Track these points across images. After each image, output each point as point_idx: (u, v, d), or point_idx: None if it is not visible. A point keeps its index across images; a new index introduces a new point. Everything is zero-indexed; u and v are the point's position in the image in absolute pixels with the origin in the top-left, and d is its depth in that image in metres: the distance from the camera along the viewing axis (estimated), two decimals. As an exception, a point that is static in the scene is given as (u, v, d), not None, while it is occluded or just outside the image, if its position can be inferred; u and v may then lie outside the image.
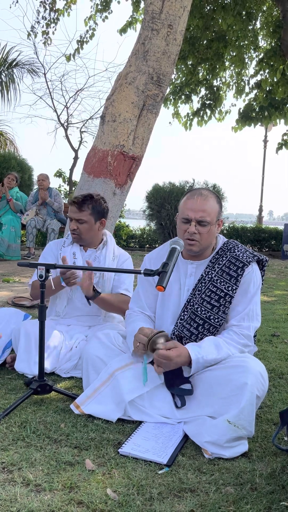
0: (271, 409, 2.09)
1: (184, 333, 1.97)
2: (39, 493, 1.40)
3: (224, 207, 10.03)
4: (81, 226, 2.55)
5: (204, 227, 1.95)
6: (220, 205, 2.04)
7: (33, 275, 2.64)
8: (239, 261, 1.98)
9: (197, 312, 1.97)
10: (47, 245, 2.76)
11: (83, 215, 2.53)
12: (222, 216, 2.06)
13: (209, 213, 1.95)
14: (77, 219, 2.54)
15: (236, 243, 2.08)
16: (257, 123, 8.24)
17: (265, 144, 19.91)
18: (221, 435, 1.67)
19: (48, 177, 7.45)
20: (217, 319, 1.95)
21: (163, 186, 9.72)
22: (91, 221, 2.56)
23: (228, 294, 1.95)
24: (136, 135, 3.52)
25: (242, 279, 1.97)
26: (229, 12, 7.31)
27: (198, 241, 1.96)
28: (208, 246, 2.02)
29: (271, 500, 1.41)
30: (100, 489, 1.42)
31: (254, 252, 2.05)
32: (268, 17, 8.09)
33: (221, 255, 2.03)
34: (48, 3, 8.24)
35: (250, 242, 10.82)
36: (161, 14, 3.44)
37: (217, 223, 2.02)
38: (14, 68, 11.32)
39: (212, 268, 2.00)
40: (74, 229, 2.55)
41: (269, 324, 3.81)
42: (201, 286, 1.99)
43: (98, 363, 2.01)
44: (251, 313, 1.97)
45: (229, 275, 1.97)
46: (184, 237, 1.97)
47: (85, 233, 2.57)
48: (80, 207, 2.53)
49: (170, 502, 1.39)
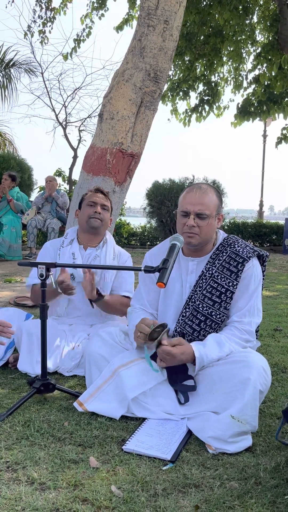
0: (275, 404, 2.09)
1: (187, 329, 1.97)
2: (43, 491, 1.40)
3: (224, 203, 10.03)
4: (104, 213, 2.63)
5: (203, 220, 1.95)
6: (220, 199, 2.03)
7: (29, 278, 2.63)
8: (239, 257, 1.98)
9: (198, 309, 1.97)
10: (43, 246, 2.75)
11: (108, 203, 2.67)
12: (222, 211, 2.05)
13: (208, 206, 1.95)
14: (103, 204, 2.62)
15: (236, 238, 2.08)
16: (256, 117, 8.20)
17: (265, 138, 19.86)
18: (225, 430, 1.67)
19: (56, 179, 7.71)
20: (218, 315, 1.95)
21: (163, 183, 9.70)
22: (109, 213, 2.69)
23: (229, 289, 1.95)
24: (135, 132, 3.51)
25: (243, 275, 1.96)
26: (226, 7, 7.28)
27: (197, 234, 1.96)
28: (208, 240, 2.02)
29: (275, 494, 1.41)
30: (105, 486, 1.42)
31: (254, 247, 2.05)
32: (265, 11, 8.05)
33: (221, 250, 2.02)
34: (44, 2, 8.21)
35: (251, 238, 10.80)
36: (157, 10, 3.43)
37: (217, 217, 2.01)
38: (11, 68, 11.30)
39: (212, 264, 2.00)
40: (99, 213, 2.59)
41: (271, 319, 3.81)
42: (202, 283, 1.99)
43: (101, 361, 2.01)
44: (252, 309, 1.97)
45: (230, 270, 1.97)
46: (183, 230, 1.97)
47: (105, 219, 2.64)
48: (106, 196, 2.67)
49: (175, 497, 1.39)
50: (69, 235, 2.70)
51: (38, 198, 7.58)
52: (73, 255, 2.59)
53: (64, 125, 11.66)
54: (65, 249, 2.63)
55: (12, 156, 10.30)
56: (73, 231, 2.73)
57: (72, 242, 2.65)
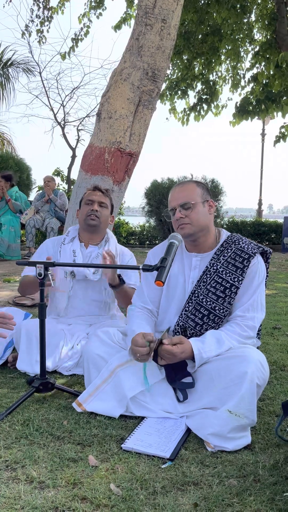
0: (273, 401, 2.09)
1: (189, 323, 1.98)
2: (42, 490, 1.40)
3: (223, 202, 10.03)
4: (102, 210, 2.61)
5: (188, 209, 2.00)
6: (202, 187, 2.07)
7: (24, 271, 2.63)
8: (244, 253, 2.00)
9: (202, 303, 1.98)
10: (43, 243, 2.74)
11: (106, 200, 2.64)
12: (209, 197, 2.07)
13: (189, 195, 2.01)
14: (100, 202, 2.61)
15: (240, 236, 2.11)
16: (254, 116, 8.19)
17: (263, 137, 19.84)
18: (223, 425, 1.67)
19: (54, 179, 7.69)
20: (222, 310, 1.96)
21: (162, 182, 9.70)
22: (109, 210, 2.67)
23: (234, 285, 1.96)
24: (133, 131, 3.51)
25: (248, 270, 1.98)
26: (223, 6, 7.27)
27: (188, 224, 2.00)
28: (203, 228, 2.03)
29: (274, 491, 1.41)
30: (104, 485, 1.43)
31: (258, 244, 2.08)
32: (262, 9, 8.04)
33: (225, 247, 2.05)
34: (42, 1, 8.21)
35: (250, 236, 10.81)
36: (154, 8, 3.43)
37: (207, 204, 2.05)
38: (9, 68, 11.29)
39: (217, 260, 2.02)
40: (96, 210, 2.58)
41: (270, 317, 3.81)
42: (206, 278, 2.01)
43: (99, 361, 2.01)
44: (256, 304, 1.98)
45: (235, 266, 1.98)
46: (175, 226, 2.03)
47: (104, 217, 2.62)
48: (104, 193, 2.65)
49: (174, 495, 1.39)
50: (70, 233, 2.70)
51: (38, 201, 7.50)
52: (73, 253, 2.59)
53: (62, 124, 11.66)
54: (66, 246, 2.63)
55: (10, 155, 10.31)
56: (75, 229, 2.74)
57: (74, 240, 2.66)
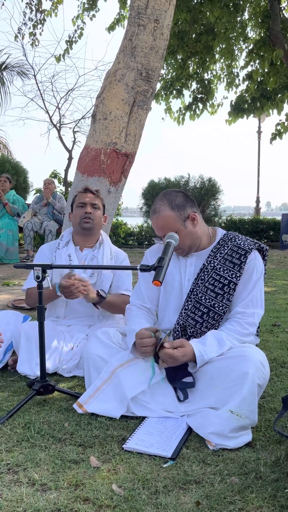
0: (274, 398, 2.09)
1: (189, 321, 1.99)
2: (44, 492, 1.41)
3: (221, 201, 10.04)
4: (95, 211, 2.62)
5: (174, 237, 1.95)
6: (177, 207, 1.98)
7: (26, 281, 2.63)
8: (241, 249, 2.01)
9: (201, 301, 1.98)
10: (40, 249, 2.74)
11: (98, 201, 2.65)
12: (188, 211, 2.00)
13: (166, 225, 1.97)
14: (92, 203, 2.62)
15: (236, 234, 2.12)
16: (250, 114, 8.21)
17: (259, 135, 19.88)
18: (225, 425, 1.67)
19: (54, 182, 7.72)
20: (221, 307, 1.97)
21: (159, 182, 9.71)
22: (101, 211, 2.68)
23: (232, 281, 1.97)
24: (128, 132, 3.51)
25: (246, 266, 1.99)
26: (216, 4, 7.28)
27: (179, 249, 2.02)
28: (195, 241, 2.04)
29: (276, 488, 1.41)
30: (106, 485, 1.43)
31: (254, 240, 2.09)
32: (255, 7, 8.05)
33: (222, 245, 2.06)
34: (34, 4, 8.20)
35: (249, 234, 10.81)
36: (147, 9, 3.43)
37: (189, 221, 1.99)
38: (3, 71, 11.29)
39: (214, 257, 2.03)
40: (89, 213, 2.59)
41: (269, 314, 3.82)
42: (204, 275, 2.01)
43: (99, 362, 2.02)
44: (255, 299, 1.99)
45: (232, 262, 1.99)
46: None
47: (97, 219, 2.63)
48: (96, 195, 2.66)
49: (176, 494, 1.39)
50: (64, 237, 2.70)
51: (36, 204, 7.47)
52: (69, 257, 2.59)
53: (58, 127, 11.67)
54: (61, 251, 2.62)
55: (7, 159, 10.30)
56: (69, 232, 2.74)
57: (68, 243, 2.65)
